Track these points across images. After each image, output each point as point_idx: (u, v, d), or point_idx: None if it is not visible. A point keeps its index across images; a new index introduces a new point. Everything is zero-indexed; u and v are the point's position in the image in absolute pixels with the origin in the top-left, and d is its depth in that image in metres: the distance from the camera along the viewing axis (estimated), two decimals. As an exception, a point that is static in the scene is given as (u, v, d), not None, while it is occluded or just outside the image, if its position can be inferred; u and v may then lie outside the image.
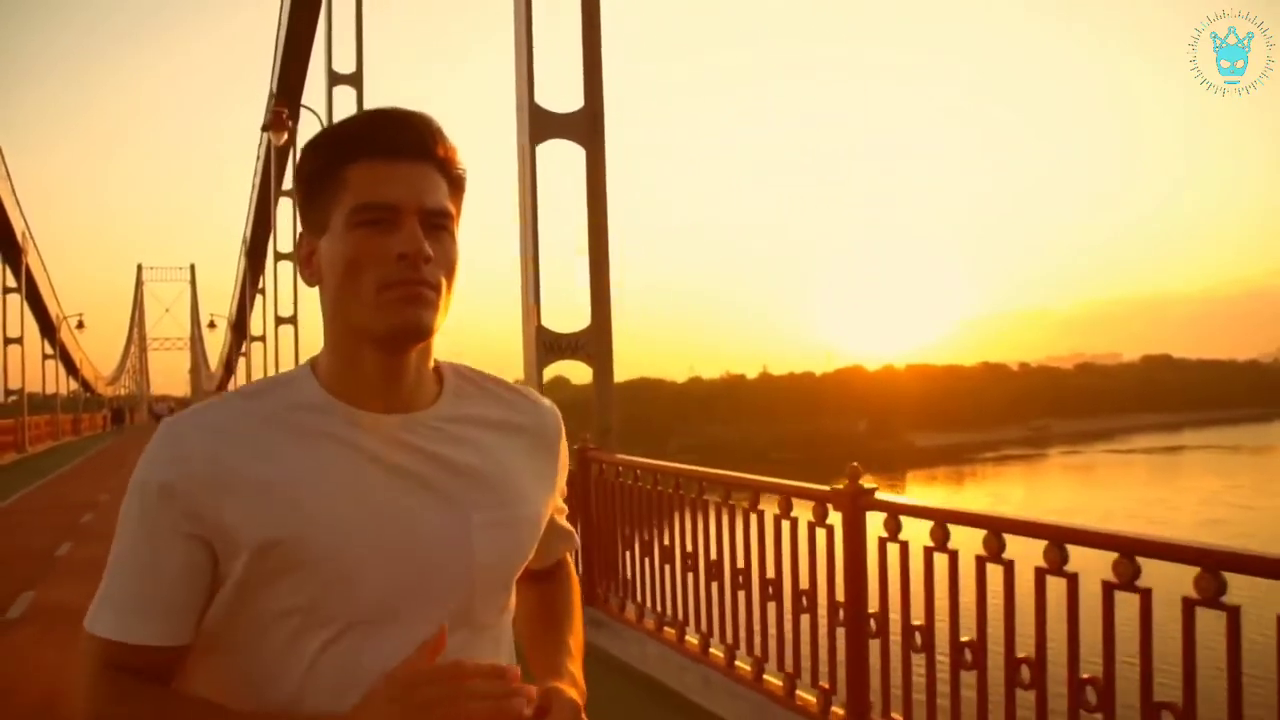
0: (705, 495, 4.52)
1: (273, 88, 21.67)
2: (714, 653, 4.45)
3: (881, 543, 3.44)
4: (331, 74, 16.72)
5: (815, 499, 3.75)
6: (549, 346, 6.11)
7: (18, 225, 33.28)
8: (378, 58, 32.69)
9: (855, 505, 3.55)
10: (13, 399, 34.94)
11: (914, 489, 42.85)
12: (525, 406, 1.13)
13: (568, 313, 6.26)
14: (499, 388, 1.13)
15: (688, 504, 4.67)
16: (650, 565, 4.97)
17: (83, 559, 9.25)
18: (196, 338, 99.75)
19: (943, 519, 3.20)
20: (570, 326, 6.16)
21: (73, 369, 54.27)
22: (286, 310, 27.39)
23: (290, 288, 25.62)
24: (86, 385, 63.40)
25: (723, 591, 4.39)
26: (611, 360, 6.15)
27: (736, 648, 4.29)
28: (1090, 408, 75.14)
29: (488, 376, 1.14)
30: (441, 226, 1.00)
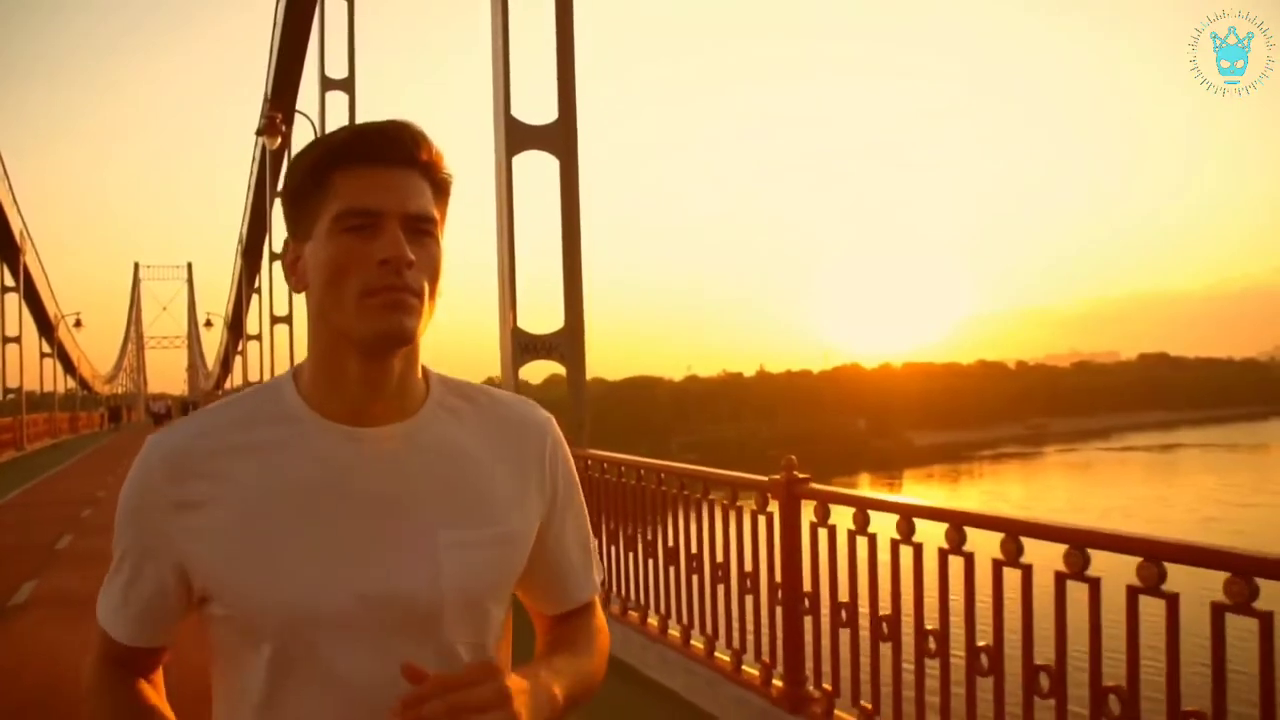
0: (663, 487, 4.83)
1: (267, 91, 21.96)
2: (672, 633, 4.77)
3: (813, 528, 3.77)
4: (324, 79, 17.01)
5: (756, 489, 4.08)
6: (524, 347, 6.45)
7: (16, 225, 33.51)
8: (368, 67, 32.99)
9: (790, 494, 3.87)
10: (11, 397, 35.22)
11: (911, 487, 43.08)
12: (514, 420, 1.10)
13: (543, 314, 6.59)
14: (488, 400, 1.10)
15: (649, 495, 4.99)
16: (616, 553, 5.29)
17: (83, 550, 9.60)
18: (193, 336, 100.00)
19: (863, 505, 3.53)
20: (545, 328, 6.50)
21: (70, 367, 54.50)
22: (282, 310, 27.82)
23: (286, 288, 25.93)
24: (84, 384, 63.63)
25: (679, 576, 4.71)
26: (584, 360, 6.49)
27: (691, 627, 4.61)
28: (1087, 406, 75.31)
29: (479, 389, 1.11)
30: (425, 232, 1.00)
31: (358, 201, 0.97)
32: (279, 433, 1.01)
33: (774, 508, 3.98)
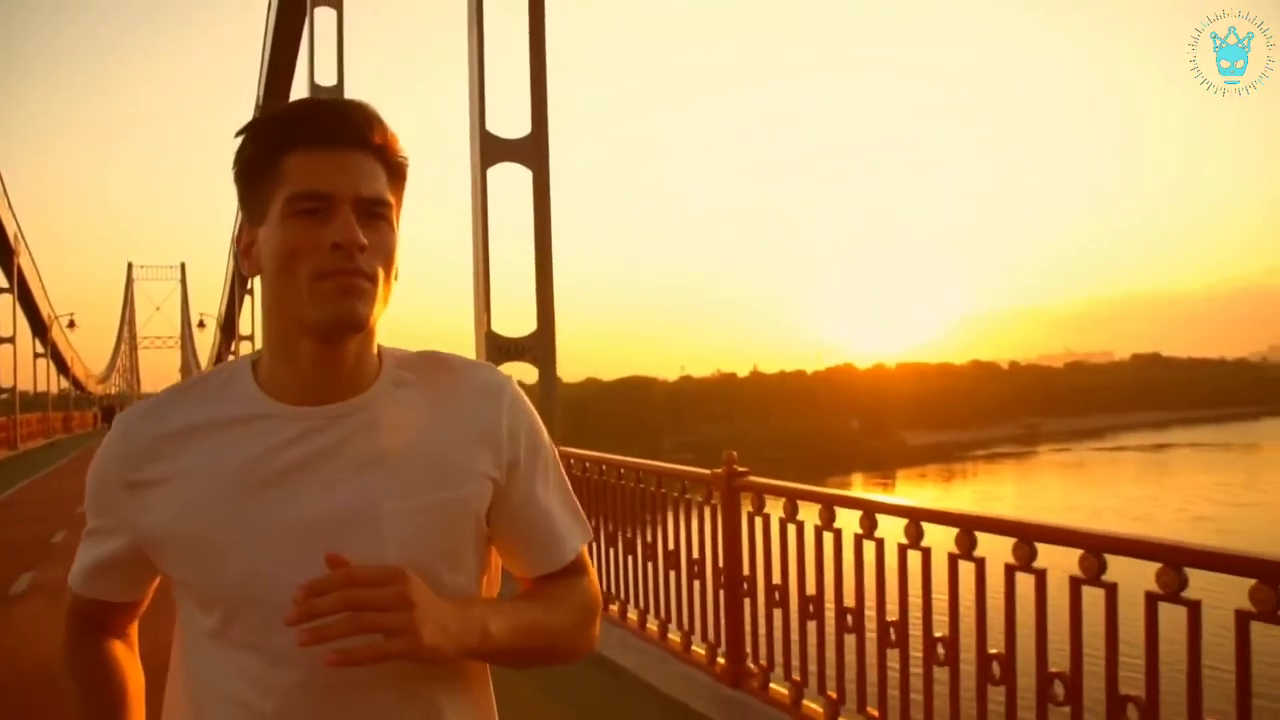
0: (622, 481, 5.15)
1: (259, 97, 22.22)
2: (630, 617, 5.09)
3: (749, 517, 4.09)
4: (314, 86, 17.26)
5: (701, 481, 4.40)
6: (499, 350, 6.79)
7: (10, 228, 33.60)
8: (356, 76, 33.23)
9: (730, 486, 4.20)
10: (4, 397, 35.40)
11: (904, 487, 43.33)
12: (466, 386, 1.08)
13: (516, 318, 6.93)
14: (440, 368, 1.09)
15: (610, 490, 5.30)
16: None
17: (76, 545, 9.61)
18: (187, 336, 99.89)
19: (793, 496, 3.86)
20: (518, 331, 6.84)
21: (64, 367, 54.61)
22: (276, 310, 27.90)
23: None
24: (77, 383, 63.62)
25: (637, 564, 5.03)
26: (555, 361, 6.84)
27: (647, 612, 4.93)
28: (1081, 406, 75.74)
29: (433, 358, 1.10)
30: (379, 215, 0.99)
31: (309, 185, 0.96)
32: (233, 414, 1.03)
33: (717, 499, 4.31)
